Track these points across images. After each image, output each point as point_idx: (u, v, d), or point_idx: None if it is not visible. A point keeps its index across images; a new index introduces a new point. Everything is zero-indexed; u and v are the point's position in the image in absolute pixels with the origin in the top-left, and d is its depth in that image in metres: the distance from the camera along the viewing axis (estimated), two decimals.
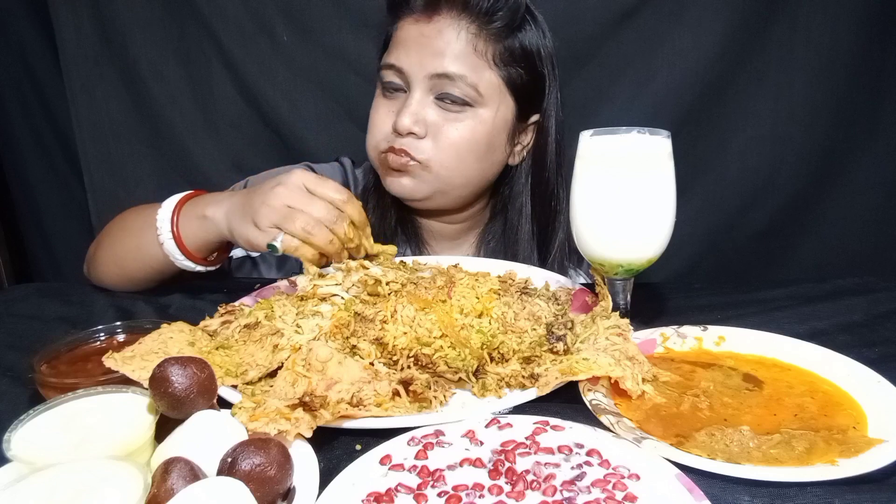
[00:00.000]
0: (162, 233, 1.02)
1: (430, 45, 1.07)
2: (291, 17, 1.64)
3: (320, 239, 0.92)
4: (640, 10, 1.59)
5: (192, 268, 1.06)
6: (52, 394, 0.69)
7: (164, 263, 1.05)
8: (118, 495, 0.51)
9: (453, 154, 1.10)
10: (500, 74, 1.10)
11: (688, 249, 1.74)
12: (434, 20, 1.08)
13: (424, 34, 1.08)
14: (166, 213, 1.03)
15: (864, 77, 1.61)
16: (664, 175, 0.82)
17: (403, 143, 1.09)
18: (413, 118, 1.08)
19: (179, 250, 1.02)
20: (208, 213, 1.00)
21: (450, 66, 1.07)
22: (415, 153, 1.09)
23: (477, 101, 1.09)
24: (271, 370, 0.76)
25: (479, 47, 1.08)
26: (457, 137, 1.09)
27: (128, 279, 1.11)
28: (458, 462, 0.61)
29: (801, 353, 0.80)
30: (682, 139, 1.34)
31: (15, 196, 1.94)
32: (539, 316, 0.86)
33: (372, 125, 1.15)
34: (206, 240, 1.03)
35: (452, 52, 1.07)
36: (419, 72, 1.08)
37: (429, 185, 1.12)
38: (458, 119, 1.09)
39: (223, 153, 1.73)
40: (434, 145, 1.09)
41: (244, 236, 0.96)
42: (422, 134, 1.09)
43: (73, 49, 1.65)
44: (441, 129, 1.09)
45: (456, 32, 1.07)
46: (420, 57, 1.08)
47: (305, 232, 0.91)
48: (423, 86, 1.08)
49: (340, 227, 0.94)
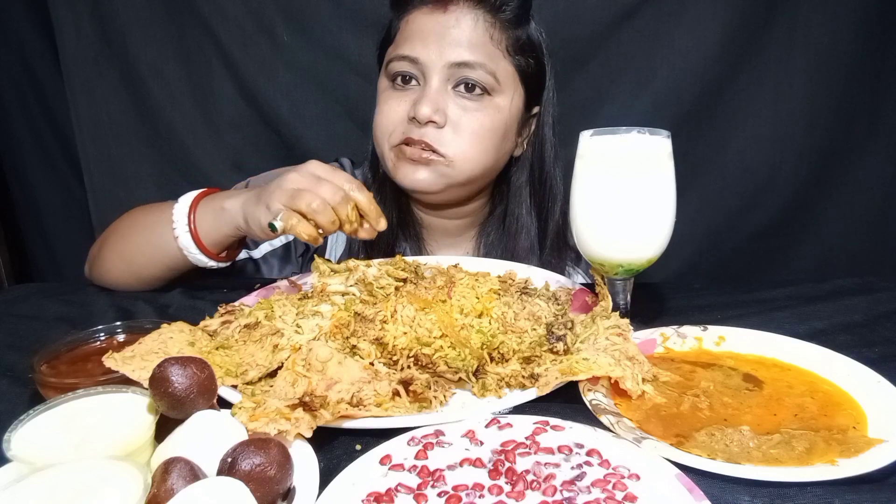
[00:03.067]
0: (178, 227, 1.03)
1: (448, 35, 1.08)
2: (291, 17, 1.64)
3: (323, 217, 0.92)
4: (640, 10, 1.59)
5: (206, 263, 1.06)
6: (52, 394, 0.69)
7: (176, 259, 1.06)
8: (118, 495, 0.51)
9: (476, 144, 1.10)
10: (514, 63, 1.12)
11: (688, 249, 1.74)
12: (450, 10, 1.08)
13: (441, 24, 1.08)
14: (183, 208, 1.04)
15: (864, 77, 1.61)
16: (664, 175, 0.82)
17: (423, 133, 1.09)
18: (433, 106, 1.07)
19: (195, 244, 1.03)
20: (227, 205, 1.01)
21: (469, 54, 1.08)
22: (438, 146, 1.09)
23: (495, 89, 1.10)
24: (271, 370, 0.76)
25: (495, 36, 1.09)
26: (477, 127, 1.10)
27: (135, 277, 1.11)
28: (458, 462, 0.61)
29: (801, 353, 0.80)
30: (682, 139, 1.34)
31: (15, 196, 1.94)
32: (539, 316, 0.86)
33: (383, 115, 1.14)
34: (222, 233, 1.03)
35: (470, 40, 1.08)
36: (437, 61, 1.08)
37: (446, 179, 1.12)
38: (477, 108, 1.10)
39: (223, 153, 1.73)
40: (455, 136, 1.09)
41: (256, 219, 0.96)
42: (441, 123, 1.08)
43: (73, 49, 1.65)
44: (461, 119, 1.09)
45: (473, 21, 1.08)
46: (438, 46, 1.08)
47: (310, 208, 0.91)
48: (442, 75, 1.08)
49: (344, 209, 0.93)
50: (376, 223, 0.96)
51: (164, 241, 1.05)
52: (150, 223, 1.08)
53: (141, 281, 1.11)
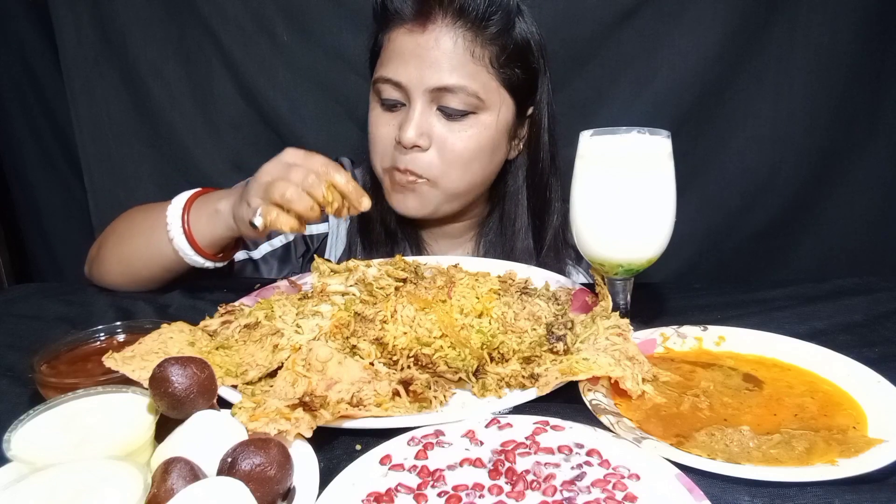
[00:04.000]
0: (172, 228, 1.02)
1: (427, 57, 1.05)
2: (291, 17, 1.64)
3: (299, 204, 0.89)
4: (640, 11, 1.58)
5: (202, 263, 1.06)
6: (52, 394, 0.69)
7: (173, 261, 1.06)
8: (118, 495, 0.51)
9: (460, 165, 1.10)
10: (499, 77, 1.10)
11: (688, 249, 1.74)
12: (428, 29, 1.06)
13: (420, 45, 1.06)
14: (176, 210, 1.03)
15: (864, 77, 1.60)
16: (664, 175, 0.82)
17: (407, 161, 1.09)
18: (417, 131, 1.07)
19: (190, 245, 1.03)
20: (220, 206, 1.01)
21: (449, 78, 1.06)
22: (420, 171, 1.09)
23: (479, 108, 1.09)
24: (271, 370, 0.76)
25: (477, 53, 1.07)
26: (462, 148, 1.09)
27: (132, 279, 1.11)
28: (458, 462, 0.61)
29: (801, 353, 0.80)
30: (682, 139, 1.34)
31: (15, 196, 1.94)
32: (539, 316, 0.86)
33: (374, 141, 1.14)
34: (217, 234, 1.03)
35: (450, 62, 1.06)
36: (419, 85, 1.07)
37: (434, 200, 1.12)
38: (462, 129, 1.09)
39: (223, 153, 1.73)
40: (440, 158, 1.09)
41: (242, 219, 0.95)
42: (426, 146, 1.08)
43: (73, 49, 1.65)
44: (446, 141, 1.09)
45: (452, 41, 1.05)
46: (419, 70, 1.06)
47: (284, 198, 0.89)
48: (425, 98, 1.07)
49: (319, 190, 0.90)
50: (358, 203, 0.93)
51: (160, 243, 1.04)
52: (147, 226, 1.08)
53: (139, 283, 1.11)
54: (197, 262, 1.05)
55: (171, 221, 1.03)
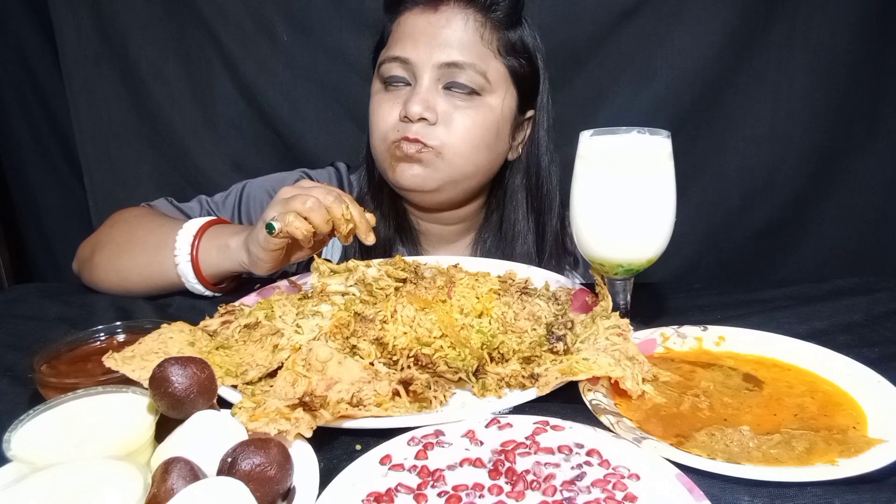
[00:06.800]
0: (180, 255, 1.03)
1: (439, 35, 1.08)
2: (291, 17, 1.64)
3: (317, 215, 0.93)
4: (640, 10, 1.59)
5: (202, 291, 1.07)
6: (52, 394, 0.69)
7: (172, 283, 1.06)
8: (118, 495, 0.51)
9: (466, 140, 1.10)
10: (505, 63, 1.12)
11: (688, 249, 1.74)
12: (440, 10, 1.09)
13: (432, 24, 1.09)
14: (187, 237, 1.04)
15: (864, 77, 1.61)
16: (664, 175, 0.82)
17: (415, 130, 1.09)
18: (423, 104, 1.07)
19: (194, 274, 1.03)
20: (231, 242, 1.02)
21: (459, 54, 1.08)
22: (428, 140, 1.09)
23: (485, 89, 1.10)
24: (271, 370, 0.76)
25: (486, 36, 1.09)
26: (469, 124, 1.10)
27: (125, 289, 1.10)
28: (458, 462, 0.61)
29: (801, 353, 0.80)
30: (682, 139, 1.34)
31: (15, 196, 1.94)
32: (539, 316, 0.86)
33: (377, 118, 1.14)
34: (223, 268, 1.04)
35: (461, 40, 1.08)
36: (427, 61, 1.08)
37: (441, 173, 1.11)
38: (468, 106, 1.10)
39: (223, 153, 1.73)
40: (447, 132, 1.09)
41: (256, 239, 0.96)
42: (433, 120, 1.09)
43: (73, 49, 1.66)
44: (452, 117, 1.09)
45: (463, 21, 1.08)
46: (428, 47, 1.08)
47: (304, 207, 0.93)
48: (432, 75, 1.09)
49: (338, 208, 0.94)
50: (366, 236, 0.97)
51: (163, 264, 1.05)
52: (150, 244, 1.07)
53: (130, 293, 1.10)
54: (197, 289, 1.06)
55: (180, 248, 1.03)
